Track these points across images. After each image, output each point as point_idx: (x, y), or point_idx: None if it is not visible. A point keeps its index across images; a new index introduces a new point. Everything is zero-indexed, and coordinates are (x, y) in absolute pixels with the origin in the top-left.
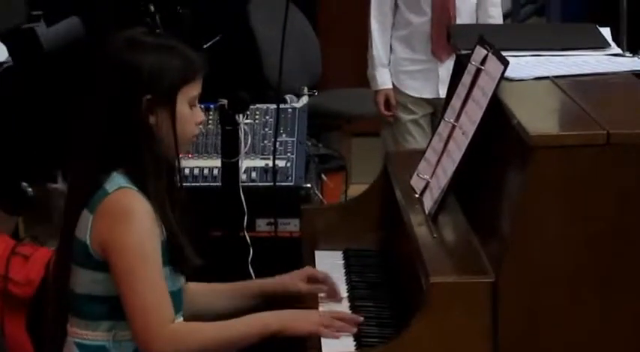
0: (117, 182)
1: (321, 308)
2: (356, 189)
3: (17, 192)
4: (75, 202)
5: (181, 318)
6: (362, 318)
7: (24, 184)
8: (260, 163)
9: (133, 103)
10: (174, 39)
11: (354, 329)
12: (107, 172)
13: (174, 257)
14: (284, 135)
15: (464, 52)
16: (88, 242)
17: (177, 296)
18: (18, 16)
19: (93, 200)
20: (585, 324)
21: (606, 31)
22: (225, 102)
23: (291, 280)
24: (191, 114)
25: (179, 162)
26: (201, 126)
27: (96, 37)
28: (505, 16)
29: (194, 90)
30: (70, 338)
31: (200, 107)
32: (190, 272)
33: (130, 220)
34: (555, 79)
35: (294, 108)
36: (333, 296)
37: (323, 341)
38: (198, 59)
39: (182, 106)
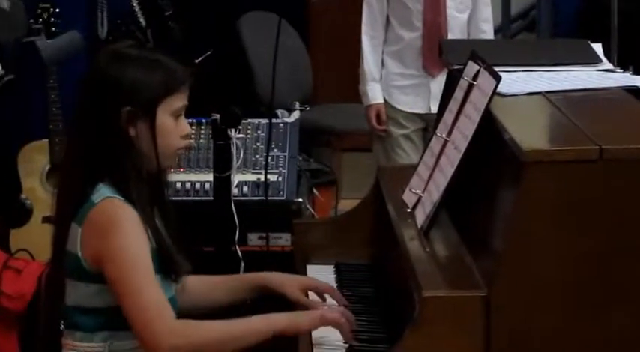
0: (103, 193)
1: None
2: (346, 204)
3: (16, 205)
4: (63, 215)
5: None
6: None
7: (23, 196)
8: (252, 178)
9: (112, 115)
10: (159, 52)
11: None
12: (93, 183)
13: (164, 265)
14: (276, 150)
15: (456, 67)
16: (79, 254)
17: (171, 304)
18: (19, 29)
19: (80, 212)
20: (577, 340)
21: (598, 47)
22: (217, 116)
23: (294, 286)
24: (175, 126)
25: (162, 175)
26: (192, 139)
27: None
28: (495, 32)
29: (177, 102)
30: (65, 350)
31: (192, 121)
32: (181, 279)
33: (118, 227)
34: (547, 95)
35: (285, 123)
36: (340, 303)
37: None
38: (182, 71)
39: (164, 118)
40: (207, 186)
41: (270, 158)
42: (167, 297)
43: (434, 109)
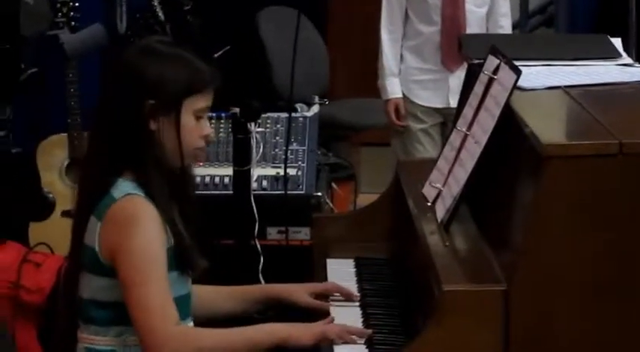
0: (124, 188)
1: (332, 309)
2: (364, 199)
3: (39, 198)
4: (82, 208)
5: (191, 323)
6: (370, 331)
7: (45, 190)
8: (271, 171)
9: (135, 106)
10: (189, 50)
11: (362, 341)
12: (113, 177)
13: (181, 261)
14: (295, 144)
15: (476, 61)
16: (97, 249)
17: (186, 301)
18: (43, 22)
19: (100, 206)
20: (597, 333)
21: (617, 42)
22: (237, 110)
23: (300, 292)
24: (196, 126)
25: (185, 171)
26: (212, 137)
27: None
28: (513, 27)
29: (201, 102)
30: (80, 344)
31: (212, 115)
32: (198, 276)
33: (136, 226)
34: (567, 89)
35: (305, 117)
36: (350, 299)
37: (335, 349)
38: (209, 72)
39: (186, 117)
40: (226, 180)
41: (289, 152)
42: (182, 294)
43: (453, 104)
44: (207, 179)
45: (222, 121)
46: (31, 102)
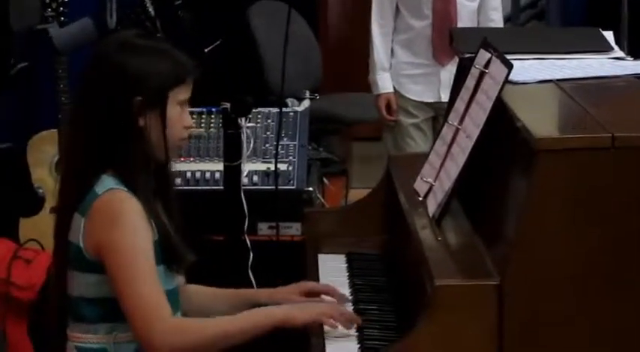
0: (106, 184)
1: None
2: (356, 194)
3: (30, 194)
4: (66, 205)
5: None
6: (360, 321)
7: (35, 185)
8: (262, 167)
9: (122, 105)
10: (165, 42)
11: (352, 328)
12: (96, 174)
13: (167, 256)
14: (286, 139)
15: (467, 55)
16: (81, 245)
17: (173, 295)
18: (32, 16)
19: (84, 203)
20: (590, 328)
21: (609, 35)
22: (227, 105)
23: (287, 294)
24: (180, 117)
25: (170, 164)
26: (199, 130)
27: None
28: (505, 21)
29: (184, 93)
30: (70, 342)
31: (202, 110)
32: (184, 270)
33: (121, 220)
34: (559, 82)
35: (295, 112)
36: (342, 302)
37: (327, 344)
38: (188, 63)
39: (172, 109)
40: (217, 175)
41: (280, 147)
42: (169, 288)
43: (444, 98)
44: (198, 174)
45: (212, 116)
46: (21, 97)
